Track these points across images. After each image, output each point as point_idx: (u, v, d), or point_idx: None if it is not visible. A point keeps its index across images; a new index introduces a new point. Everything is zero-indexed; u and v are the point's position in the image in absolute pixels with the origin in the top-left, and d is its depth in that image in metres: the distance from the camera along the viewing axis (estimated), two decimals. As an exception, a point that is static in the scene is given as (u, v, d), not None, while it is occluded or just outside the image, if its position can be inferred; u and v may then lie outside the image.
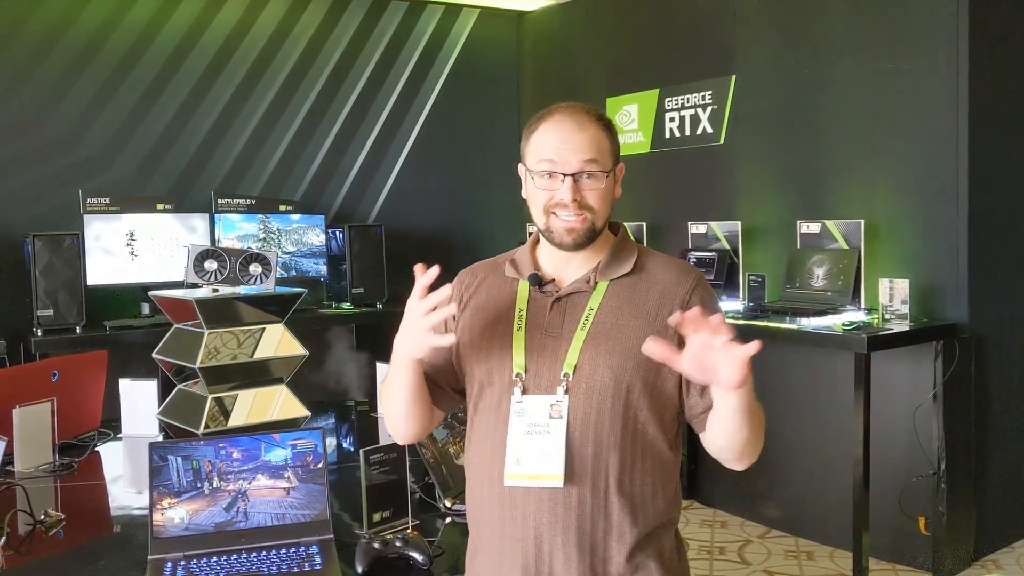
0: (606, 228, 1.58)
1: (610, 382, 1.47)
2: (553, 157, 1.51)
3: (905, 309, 3.63)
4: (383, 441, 2.65)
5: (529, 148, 1.56)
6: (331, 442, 2.86)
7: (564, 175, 1.50)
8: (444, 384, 1.60)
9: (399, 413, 1.58)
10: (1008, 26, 3.83)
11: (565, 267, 1.58)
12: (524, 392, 1.49)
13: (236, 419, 2.51)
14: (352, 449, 2.80)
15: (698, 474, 4.62)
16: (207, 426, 2.45)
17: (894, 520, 3.76)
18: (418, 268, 1.43)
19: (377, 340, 5.24)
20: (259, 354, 2.55)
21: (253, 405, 2.55)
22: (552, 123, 1.53)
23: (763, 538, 4.18)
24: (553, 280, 1.57)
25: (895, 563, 3.80)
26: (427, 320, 1.42)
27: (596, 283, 1.54)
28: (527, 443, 1.47)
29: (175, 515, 1.77)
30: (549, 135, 1.53)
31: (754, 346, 1.28)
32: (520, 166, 1.59)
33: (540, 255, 1.61)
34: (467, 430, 1.61)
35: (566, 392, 1.47)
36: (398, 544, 1.68)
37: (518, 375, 1.50)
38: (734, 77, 4.56)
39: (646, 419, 1.49)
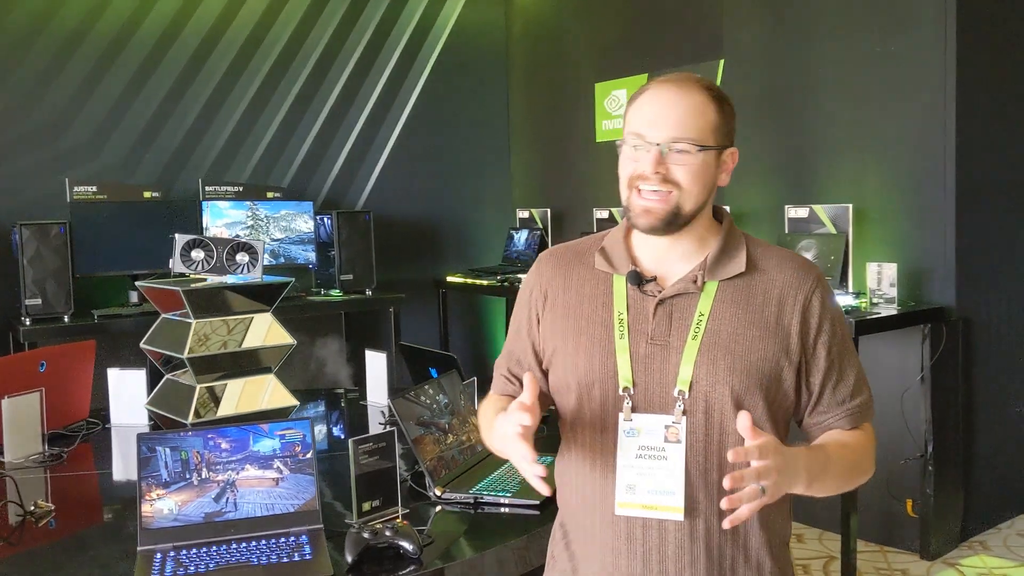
0: (708, 215, 1.41)
1: (731, 401, 1.31)
2: (643, 125, 1.34)
3: (893, 293, 3.65)
4: (373, 429, 2.66)
5: (626, 119, 1.39)
6: (321, 430, 2.86)
7: (650, 145, 1.33)
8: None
9: None
10: (995, 9, 3.83)
11: (665, 259, 1.40)
12: (634, 410, 1.34)
13: (225, 409, 2.51)
14: (342, 437, 2.79)
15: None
16: (196, 415, 2.45)
17: (882, 502, 3.79)
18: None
19: (366, 327, 5.24)
20: (247, 343, 2.55)
21: (242, 394, 2.54)
22: (653, 91, 1.37)
23: (752, 521, 4.20)
24: (654, 278, 1.39)
25: (883, 545, 3.83)
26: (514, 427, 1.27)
27: (704, 284, 1.36)
28: (640, 468, 1.32)
29: (164, 506, 1.77)
30: (646, 104, 1.36)
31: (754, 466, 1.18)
32: (619, 143, 1.43)
33: (635, 244, 1.43)
34: (561, 446, 1.47)
35: (684, 413, 1.31)
36: (388, 534, 1.68)
37: (625, 389, 1.34)
38: (722, 61, 4.54)
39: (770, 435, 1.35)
